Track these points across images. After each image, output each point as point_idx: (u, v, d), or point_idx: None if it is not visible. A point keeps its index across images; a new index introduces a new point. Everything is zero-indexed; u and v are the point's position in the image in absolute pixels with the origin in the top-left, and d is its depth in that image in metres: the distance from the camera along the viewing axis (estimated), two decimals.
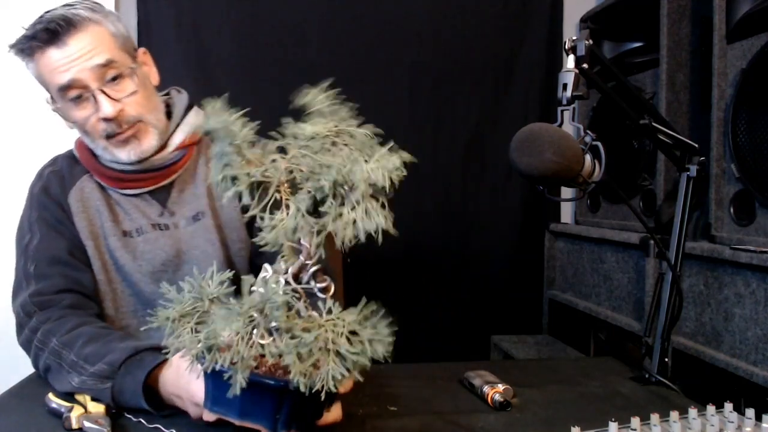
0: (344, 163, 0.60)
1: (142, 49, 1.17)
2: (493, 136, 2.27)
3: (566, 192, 2.10)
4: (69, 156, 1.23)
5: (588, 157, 0.96)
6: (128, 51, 1.11)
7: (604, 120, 2.00)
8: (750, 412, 0.84)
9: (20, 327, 1.08)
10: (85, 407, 0.87)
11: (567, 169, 0.93)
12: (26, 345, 1.06)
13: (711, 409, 0.85)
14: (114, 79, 1.07)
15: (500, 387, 0.98)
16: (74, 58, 1.03)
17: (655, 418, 0.82)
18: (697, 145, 1.15)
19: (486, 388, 0.98)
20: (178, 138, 1.17)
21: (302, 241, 0.64)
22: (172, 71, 2.06)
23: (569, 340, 2.13)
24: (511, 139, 0.95)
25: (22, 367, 1.12)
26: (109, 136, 1.10)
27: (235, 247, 1.20)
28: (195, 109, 1.23)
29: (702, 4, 1.65)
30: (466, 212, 2.27)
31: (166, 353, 0.69)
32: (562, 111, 0.98)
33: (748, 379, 1.27)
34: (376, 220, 0.59)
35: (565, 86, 0.98)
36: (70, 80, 1.04)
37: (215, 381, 0.69)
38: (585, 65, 0.99)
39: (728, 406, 0.85)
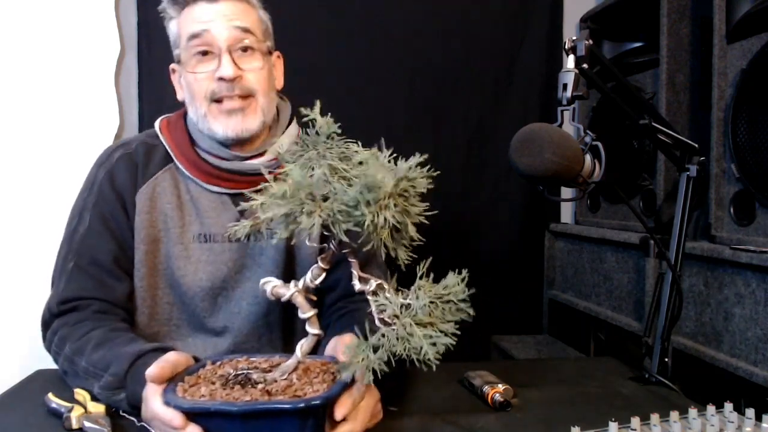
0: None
1: (277, 52, 1.18)
2: (493, 136, 2.26)
3: (566, 192, 2.10)
4: (148, 140, 1.15)
5: (588, 157, 0.96)
6: (266, 39, 1.14)
7: (604, 120, 1.99)
8: (750, 412, 0.84)
9: (45, 326, 1.07)
10: (85, 407, 0.87)
11: (567, 169, 0.93)
12: (47, 346, 1.05)
13: (711, 409, 0.85)
14: (245, 49, 1.09)
15: (500, 387, 0.98)
16: (220, 14, 1.07)
17: (655, 418, 0.82)
18: (697, 145, 1.15)
19: (486, 388, 0.98)
20: (283, 147, 1.11)
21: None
22: None
23: (569, 340, 2.13)
24: (511, 139, 0.95)
25: (22, 366, 1.12)
26: (216, 101, 1.07)
27: (302, 266, 1.13)
28: (294, 122, 1.19)
29: (702, 4, 1.65)
30: (466, 212, 2.27)
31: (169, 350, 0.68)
32: (562, 111, 0.98)
33: (748, 379, 1.27)
34: None
35: (565, 86, 0.98)
36: (205, 30, 1.06)
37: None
38: (585, 65, 0.99)
39: (728, 406, 0.85)
